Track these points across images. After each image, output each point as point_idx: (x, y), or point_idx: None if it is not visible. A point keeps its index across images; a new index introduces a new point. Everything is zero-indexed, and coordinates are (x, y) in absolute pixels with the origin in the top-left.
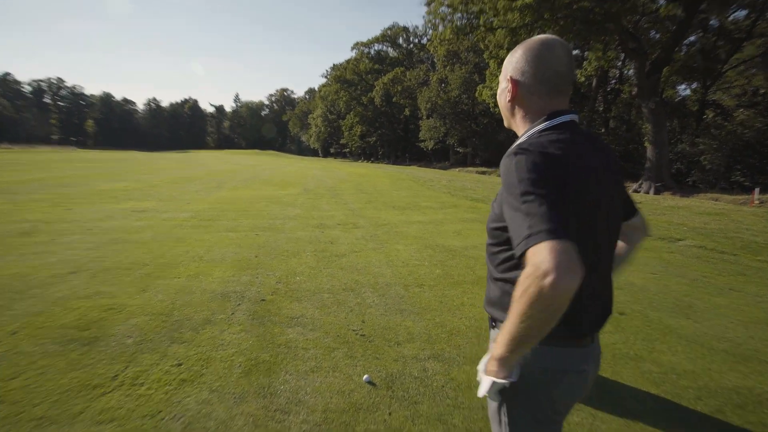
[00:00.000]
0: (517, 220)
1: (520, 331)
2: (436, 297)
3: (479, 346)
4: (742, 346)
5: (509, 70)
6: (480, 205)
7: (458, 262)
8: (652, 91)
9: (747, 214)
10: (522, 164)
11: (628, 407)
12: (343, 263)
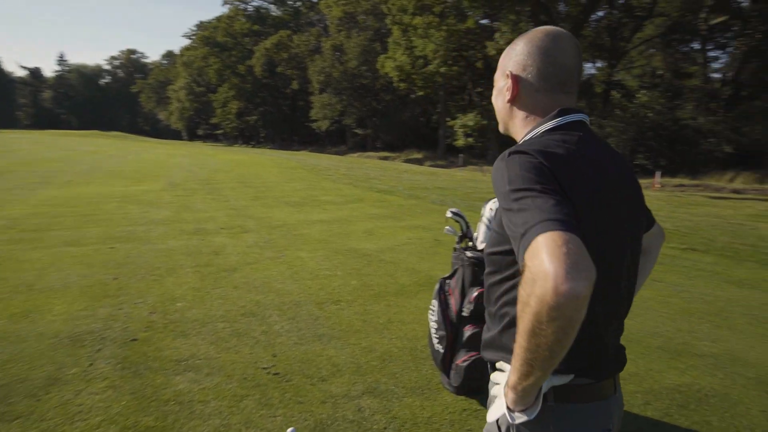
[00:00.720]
0: (511, 223)
1: (530, 353)
2: (357, 315)
3: (418, 372)
4: (673, 341)
5: (508, 65)
6: (390, 198)
7: (376, 269)
8: None
9: (652, 198)
10: (515, 163)
11: None
12: (237, 280)
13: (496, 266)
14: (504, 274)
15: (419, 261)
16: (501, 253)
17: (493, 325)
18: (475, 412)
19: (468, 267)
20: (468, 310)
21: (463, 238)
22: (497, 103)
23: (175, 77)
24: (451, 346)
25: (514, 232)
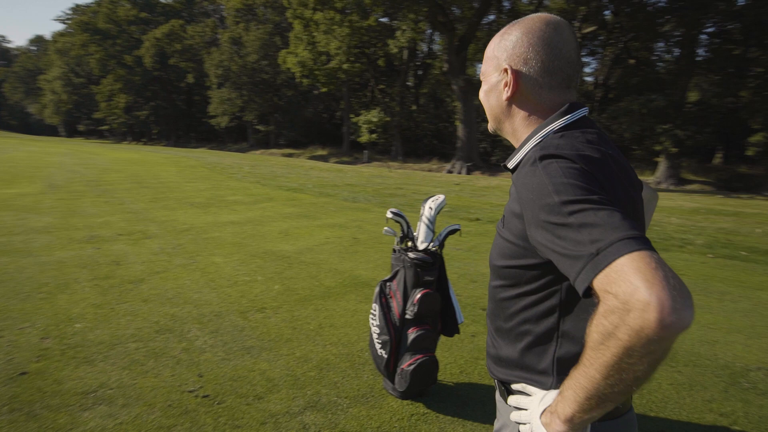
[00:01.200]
0: (564, 239)
1: (607, 387)
2: (285, 322)
3: (359, 379)
4: None
5: (503, 58)
6: (300, 197)
7: (298, 272)
8: (460, 69)
9: None
10: (557, 170)
11: None
12: (145, 292)
13: (512, 280)
14: (523, 288)
15: (341, 261)
16: (521, 267)
17: (508, 342)
18: (423, 416)
19: (410, 268)
20: (412, 312)
21: (404, 239)
22: (489, 100)
23: (48, 66)
24: (395, 351)
25: (575, 250)
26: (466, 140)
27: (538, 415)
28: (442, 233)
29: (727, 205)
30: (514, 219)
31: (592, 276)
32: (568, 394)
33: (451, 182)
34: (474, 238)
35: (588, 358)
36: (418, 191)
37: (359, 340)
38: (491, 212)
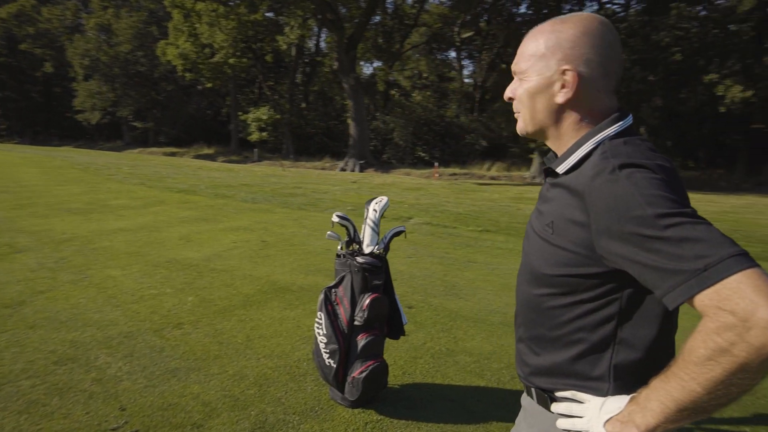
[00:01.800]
0: (660, 254)
1: (702, 402)
2: (209, 337)
3: (303, 392)
4: (508, 315)
5: (559, 57)
6: (194, 199)
7: (210, 281)
8: (350, 67)
9: (438, 186)
10: (640, 179)
11: (476, 410)
12: (30, 317)
13: (566, 288)
14: (579, 297)
15: (254, 266)
16: (579, 276)
17: (554, 350)
18: (378, 423)
19: (358, 273)
20: (361, 318)
21: (351, 243)
22: (535, 101)
23: None
24: (344, 360)
25: (674, 265)
26: (357, 138)
27: (601, 423)
28: (387, 235)
29: None
30: (574, 227)
31: (697, 291)
32: (654, 406)
33: (348, 180)
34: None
35: (689, 372)
36: (317, 190)
37: (294, 350)
38: (393, 210)
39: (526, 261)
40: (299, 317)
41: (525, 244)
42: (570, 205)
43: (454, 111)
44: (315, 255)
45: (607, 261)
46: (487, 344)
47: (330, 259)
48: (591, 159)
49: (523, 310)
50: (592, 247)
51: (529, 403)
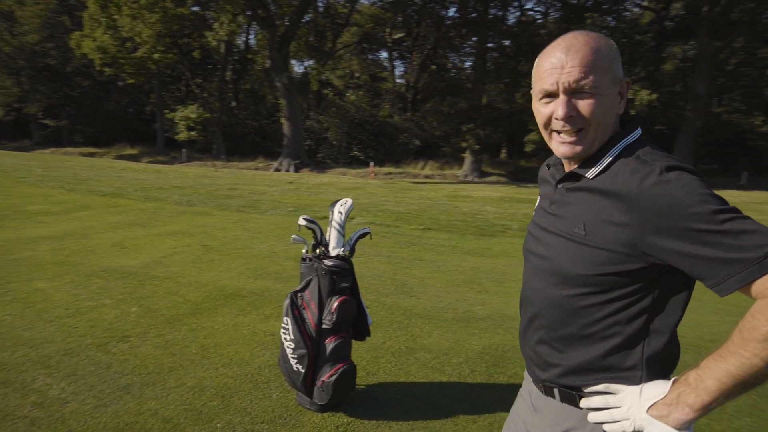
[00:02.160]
0: (719, 246)
1: (755, 379)
2: (160, 349)
3: (269, 400)
4: (459, 310)
5: (617, 68)
6: (123, 202)
7: (154, 290)
8: (283, 66)
9: (375, 186)
10: (688, 180)
11: (442, 404)
12: None
13: (602, 287)
14: (614, 293)
15: (199, 272)
16: (616, 274)
17: (584, 347)
18: (348, 425)
19: (325, 276)
20: (330, 321)
21: (317, 246)
22: (608, 115)
23: None
24: (313, 364)
25: (734, 254)
26: (292, 138)
27: (644, 409)
28: (353, 238)
29: (522, 193)
30: (614, 227)
31: (757, 276)
32: (710, 384)
33: (284, 181)
34: None
35: (751, 349)
36: (254, 191)
37: (253, 357)
38: None
39: (546, 265)
40: (254, 323)
41: (538, 248)
42: (606, 207)
43: (387, 111)
44: (261, 258)
45: (651, 257)
46: (444, 340)
47: (277, 263)
48: (621, 163)
49: (549, 312)
50: (633, 245)
51: (547, 403)
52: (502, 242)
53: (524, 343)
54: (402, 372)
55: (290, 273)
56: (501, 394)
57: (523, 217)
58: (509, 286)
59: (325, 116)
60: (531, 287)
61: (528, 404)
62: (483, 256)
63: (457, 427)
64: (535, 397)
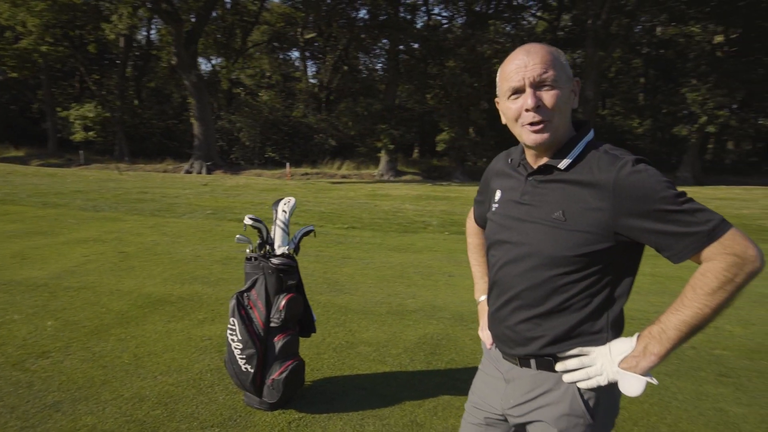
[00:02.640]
0: (680, 223)
1: (704, 324)
2: (87, 362)
3: (215, 403)
4: (392, 304)
5: (567, 70)
6: (17, 209)
7: (70, 301)
8: (192, 63)
9: (294, 186)
10: (654, 172)
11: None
12: None
13: (580, 265)
14: (589, 270)
15: (119, 280)
16: (593, 252)
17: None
18: (300, 420)
19: (272, 275)
20: (278, 319)
21: (263, 246)
22: (567, 107)
23: None
24: (262, 363)
25: (692, 227)
26: (203, 138)
27: (615, 363)
28: (297, 235)
29: (437, 191)
30: (590, 212)
31: (708, 244)
32: (671, 333)
33: (198, 183)
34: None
35: (702, 300)
36: (167, 194)
37: (193, 362)
38: (256, 211)
39: (525, 250)
40: (188, 329)
41: (513, 237)
42: (584, 195)
43: (301, 111)
44: (185, 263)
45: (620, 236)
46: (382, 333)
47: (204, 266)
48: (592, 157)
49: (529, 293)
50: (608, 226)
51: (522, 373)
52: (424, 238)
53: (498, 323)
54: (345, 366)
55: (218, 276)
56: (441, 379)
57: (441, 213)
58: (436, 279)
59: (237, 116)
60: (507, 273)
61: (496, 379)
62: (408, 251)
63: (404, 413)
64: (506, 371)
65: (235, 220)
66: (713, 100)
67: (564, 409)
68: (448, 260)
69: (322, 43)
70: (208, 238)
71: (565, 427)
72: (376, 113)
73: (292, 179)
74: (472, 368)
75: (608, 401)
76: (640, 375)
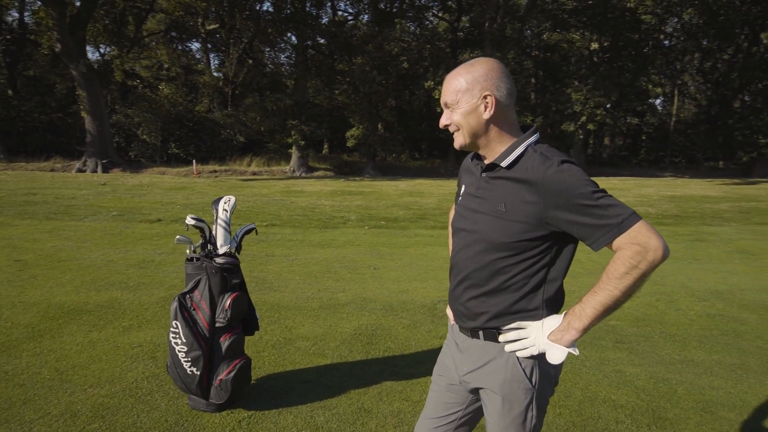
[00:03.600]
0: (595, 215)
1: (618, 302)
2: (2, 381)
3: (158, 410)
4: (323, 299)
5: (479, 87)
6: None
7: None
8: (79, 51)
9: (204, 185)
10: (576, 171)
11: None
12: None
13: (518, 250)
14: (526, 255)
15: (21, 291)
16: (529, 239)
17: (503, 297)
18: (250, 418)
19: (216, 274)
20: (224, 318)
21: (206, 245)
22: (469, 121)
23: None
24: (208, 364)
25: (604, 221)
26: (96, 134)
27: (545, 336)
28: (238, 234)
29: (351, 186)
30: (526, 205)
31: (618, 235)
32: (589, 312)
33: (95, 183)
34: (171, 240)
35: (613, 284)
36: (61, 195)
37: (125, 371)
38: (168, 211)
39: (475, 237)
40: (113, 337)
41: (467, 225)
42: (520, 190)
43: (206, 105)
44: (97, 269)
45: (551, 226)
46: (318, 328)
47: (119, 271)
48: (528, 157)
49: (477, 273)
50: (540, 217)
51: (473, 344)
52: (345, 233)
53: (454, 300)
54: (286, 361)
55: (138, 281)
56: (381, 366)
57: (358, 208)
58: (363, 273)
59: (134, 110)
60: (461, 256)
61: (454, 350)
62: (330, 247)
63: (351, 401)
64: (461, 342)
65: (146, 221)
66: (593, 99)
67: (507, 376)
68: (372, 254)
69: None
70: (119, 241)
71: (508, 391)
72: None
73: (200, 177)
74: (408, 355)
75: (546, 371)
76: (564, 347)
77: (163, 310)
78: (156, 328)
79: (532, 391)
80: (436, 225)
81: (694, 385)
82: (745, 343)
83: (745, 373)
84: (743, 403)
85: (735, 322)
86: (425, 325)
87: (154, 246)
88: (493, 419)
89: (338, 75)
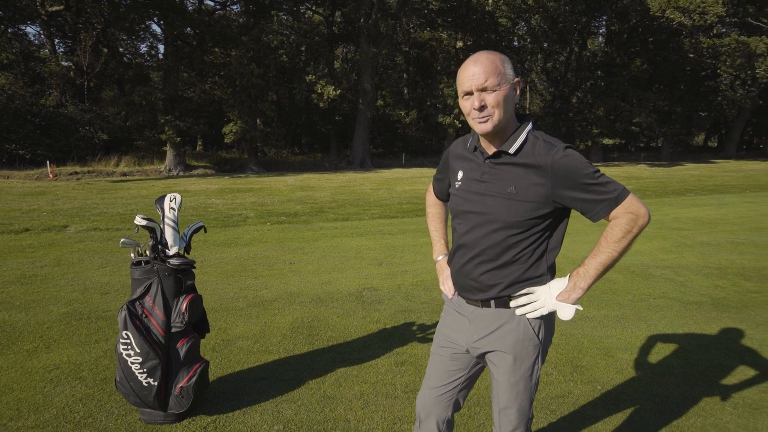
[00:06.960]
0: (596, 191)
1: (615, 261)
2: None
3: (107, 431)
4: (248, 297)
5: (512, 73)
6: None
7: None
8: None
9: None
10: (577, 155)
11: (288, 377)
12: None
13: (526, 227)
14: (532, 230)
15: None
16: (537, 217)
17: (514, 269)
18: (214, 422)
19: (169, 277)
20: (181, 322)
21: (156, 247)
22: (506, 103)
23: None
24: (166, 373)
25: (604, 195)
26: None
27: (553, 297)
28: (186, 233)
29: (237, 183)
30: (534, 187)
31: (615, 206)
32: (592, 272)
33: None
34: (50, 250)
35: (611, 246)
36: None
37: (49, 397)
38: (33, 219)
39: (487, 218)
40: (19, 363)
41: (476, 207)
42: (528, 174)
43: (55, 99)
44: None
45: (556, 203)
46: (253, 326)
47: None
48: (530, 143)
49: (489, 250)
50: (547, 196)
51: (483, 313)
52: (248, 231)
53: (464, 276)
54: (233, 362)
55: (24, 299)
56: (330, 355)
57: (253, 205)
58: (280, 268)
59: None
60: (472, 236)
61: (459, 321)
62: (237, 245)
63: (312, 391)
64: (470, 313)
65: (10, 232)
66: None
67: (518, 336)
68: (282, 249)
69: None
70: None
71: (520, 350)
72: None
73: (58, 180)
74: (352, 341)
75: (548, 326)
76: (571, 305)
77: (71, 327)
78: (70, 346)
79: (539, 346)
80: (337, 217)
81: (594, 336)
82: (619, 298)
83: (626, 322)
84: (630, 345)
85: (609, 282)
86: (358, 312)
87: (31, 259)
88: (503, 377)
89: (212, 68)
